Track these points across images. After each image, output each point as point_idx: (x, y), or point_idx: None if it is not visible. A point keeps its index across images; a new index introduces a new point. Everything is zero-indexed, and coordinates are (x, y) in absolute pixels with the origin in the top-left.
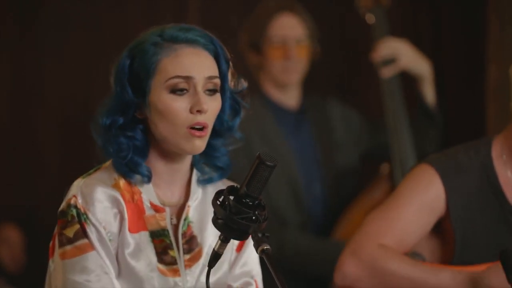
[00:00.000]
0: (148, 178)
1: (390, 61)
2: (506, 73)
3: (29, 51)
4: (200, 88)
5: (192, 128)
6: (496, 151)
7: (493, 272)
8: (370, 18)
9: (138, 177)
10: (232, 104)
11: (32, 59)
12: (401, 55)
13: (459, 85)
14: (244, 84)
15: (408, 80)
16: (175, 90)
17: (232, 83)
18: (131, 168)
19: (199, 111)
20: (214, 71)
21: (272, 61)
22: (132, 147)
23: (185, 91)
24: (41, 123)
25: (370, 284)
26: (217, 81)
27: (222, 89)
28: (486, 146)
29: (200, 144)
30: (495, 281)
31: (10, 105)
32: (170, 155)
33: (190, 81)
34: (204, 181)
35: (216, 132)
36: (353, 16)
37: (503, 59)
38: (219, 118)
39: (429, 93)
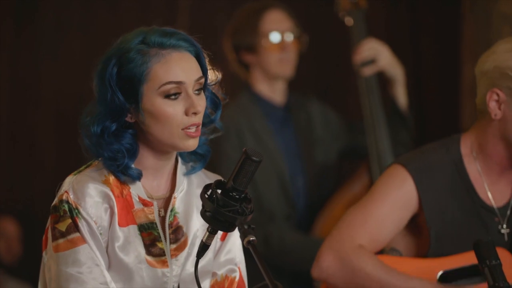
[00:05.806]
0: (138, 179)
1: (370, 61)
2: None
3: (27, 52)
4: (191, 91)
5: (187, 129)
6: (466, 148)
7: None
8: (349, 21)
9: (128, 178)
10: (212, 98)
11: (29, 59)
12: (381, 56)
13: (436, 85)
14: (218, 74)
15: (384, 80)
16: (169, 95)
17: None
18: (122, 172)
19: (194, 113)
20: (200, 72)
21: (269, 55)
22: (126, 152)
23: (178, 95)
24: (38, 121)
25: (343, 281)
26: (203, 80)
27: (204, 86)
28: (455, 144)
29: (194, 143)
30: None
31: (8, 103)
32: (158, 152)
33: (181, 85)
34: (188, 172)
35: None
36: (333, 18)
37: (478, 59)
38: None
39: (401, 96)
